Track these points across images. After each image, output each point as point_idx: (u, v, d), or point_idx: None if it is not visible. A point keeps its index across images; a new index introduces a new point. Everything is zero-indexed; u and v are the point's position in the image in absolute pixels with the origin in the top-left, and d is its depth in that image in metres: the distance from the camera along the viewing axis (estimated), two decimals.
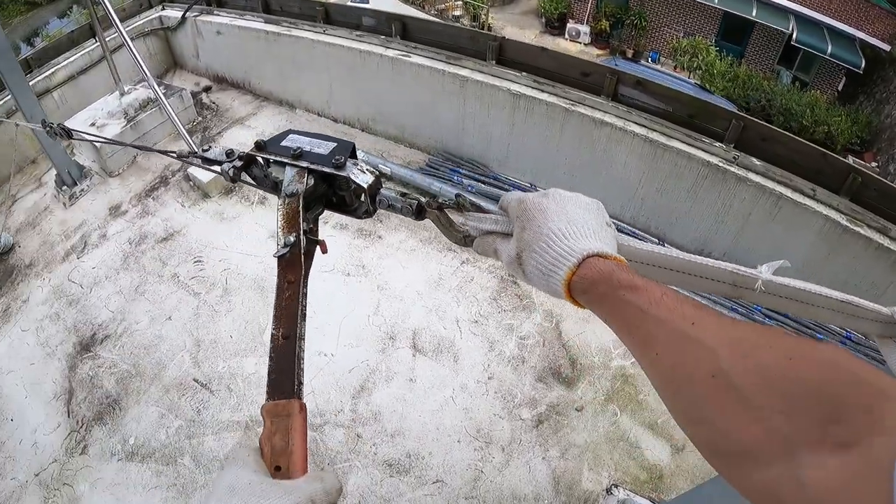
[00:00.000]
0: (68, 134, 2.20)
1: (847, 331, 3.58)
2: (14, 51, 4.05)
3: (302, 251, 0.85)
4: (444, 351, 3.20)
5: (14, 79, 3.66)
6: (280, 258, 0.85)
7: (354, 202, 1.09)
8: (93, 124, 4.38)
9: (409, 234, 3.88)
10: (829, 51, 13.70)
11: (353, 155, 1.04)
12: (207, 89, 5.39)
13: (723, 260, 0.86)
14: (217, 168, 1.15)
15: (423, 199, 1.01)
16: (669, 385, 0.57)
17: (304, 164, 1.01)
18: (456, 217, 0.98)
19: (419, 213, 1.01)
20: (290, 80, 4.93)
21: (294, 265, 0.84)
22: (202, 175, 4.23)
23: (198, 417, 2.86)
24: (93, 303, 3.55)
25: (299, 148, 1.03)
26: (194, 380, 3.03)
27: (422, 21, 4.22)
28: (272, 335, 0.74)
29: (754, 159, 3.44)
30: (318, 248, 0.95)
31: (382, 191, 1.04)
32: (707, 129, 3.53)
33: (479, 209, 0.90)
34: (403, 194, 1.04)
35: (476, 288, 3.55)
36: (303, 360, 0.72)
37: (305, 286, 0.82)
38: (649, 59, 16.86)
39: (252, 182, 1.16)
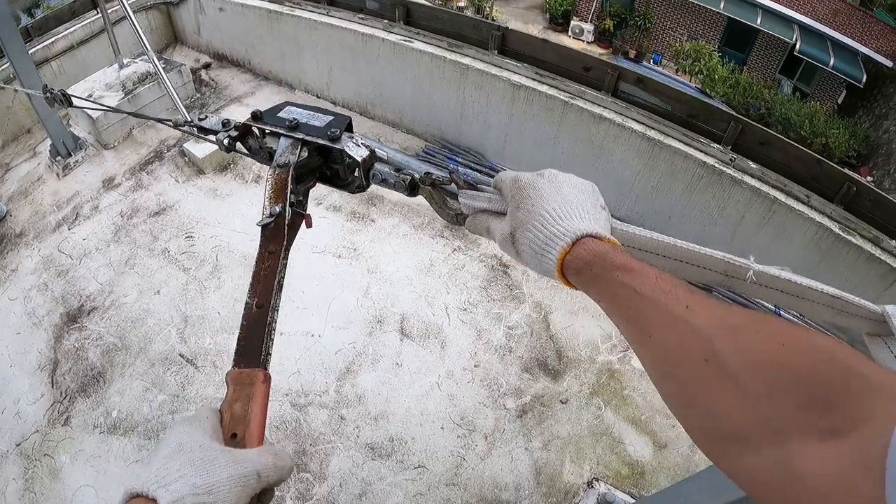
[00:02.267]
0: (68, 101, 2.16)
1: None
2: (14, 20, 4.00)
3: (286, 222, 0.85)
4: (432, 337, 3.19)
5: (13, 46, 3.62)
6: (264, 227, 0.85)
7: (348, 176, 1.08)
8: (90, 96, 4.33)
9: (402, 218, 3.87)
10: (832, 63, 13.75)
11: (349, 129, 1.04)
12: (207, 66, 5.35)
13: None
14: (212, 137, 1.15)
15: (416, 175, 1.01)
16: (661, 368, 0.56)
17: (300, 136, 1.01)
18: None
19: (412, 188, 1.01)
20: (291, 61, 4.90)
21: (277, 236, 0.83)
22: (198, 151, 4.20)
23: (182, 393, 2.84)
24: (82, 274, 3.52)
25: (295, 119, 1.03)
26: (180, 355, 3.01)
27: (425, 7, 4.20)
28: (247, 303, 0.73)
29: (751, 162, 3.45)
30: (303, 221, 0.95)
31: (377, 165, 1.04)
32: (705, 129, 3.54)
33: (473, 187, 0.90)
34: (398, 170, 1.04)
35: (466, 276, 3.55)
36: (273, 330, 0.71)
37: (286, 258, 0.81)
38: (651, 61, 16.87)
39: (247, 152, 1.16)
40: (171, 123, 1.30)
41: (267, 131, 1.06)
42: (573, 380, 3.13)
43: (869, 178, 12.16)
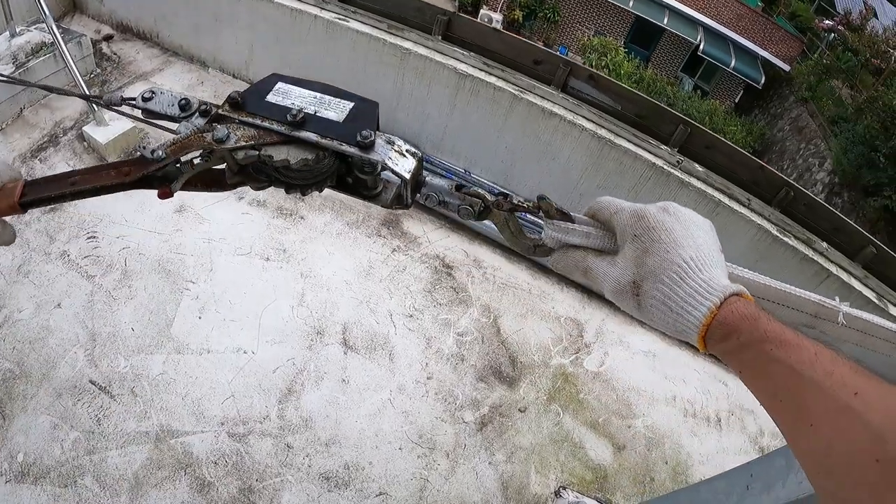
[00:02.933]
0: None
1: None
2: None
3: (152, 171, 0.74)
4: (378, 348, 2.96)
5: None
6: (141, 155, 0.73)
7: (379, 184, 0.82)
8: None
9: (334, 215, 3.57)
10: (733, 64, 14.78)
11: (377, 123, 0.76)
12: (109, 38, 4.69)
13: None
14: (170, 125, 0.82)
15: (489, 198, 0.77)
16: (821, 462, 0.50)
17: (312, 138, 0.71)
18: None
19: (482, 215, 0.78)
20: (206, 35, 4.39)
21: (139, 168, 0.74)
22: (99, 135, 3.65)
23: (98, 428, 2.41)
24: None
25: (300, 110, 0.72)
26: (91, 381, 2.57)
27: None
28: (74, 170, 0.76)
29: (697, 165, 3.48)
30: (162, 190, 0.77)
31: (430, 181, 0.78)
32: (654, 131, 3.52)
33: (567, 217, 0.72)
34: (458, 187, 0.79)
35: (409, 279, 3.33)
36: (55, 202, 0.76)
37: (125, 188, 0.76)
38: (558, 53, 17.30)
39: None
40: (101, 102, 0.94)
41: (255, 125, 0.74)
42: (529, 386, 3.03)
43: None
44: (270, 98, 0.76)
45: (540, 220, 0.76)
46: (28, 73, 3.75)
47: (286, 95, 0.76)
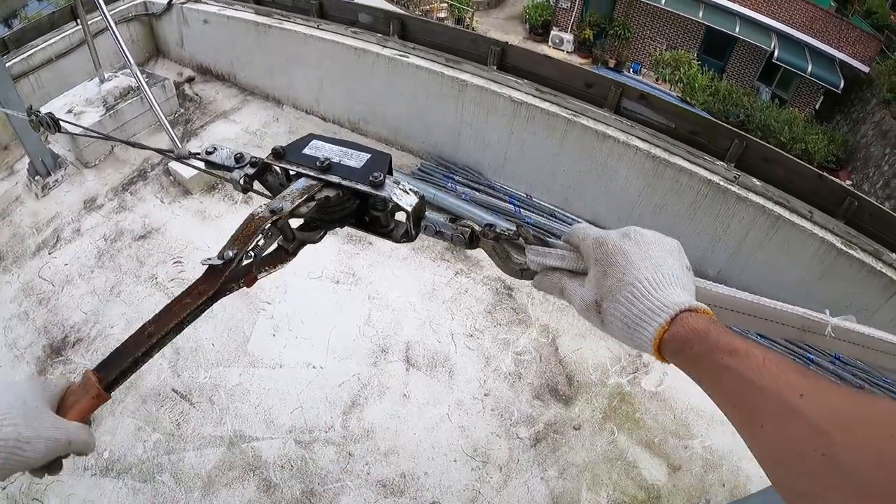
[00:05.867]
0: (56, 126, 1.99)
1: None
2: None
3: (229, 273, 0.76)
4: (439, 365, 3.08)
5: None
6: (209, 266, 0.77)
7: (391, 223, 0.96)
8: (70, 111, 4.15)
9: None
10: (810, 70, 14.07)
11: (390, 170, 0.92)
12: (191, 80, 5.18)
13: (716, 279, 0.86)
14: (224, 174, 1.01)
15: (477, 228, 0.90)
16: (775, 459, 0.53)
17: (335, 180, 0.88)
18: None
19: (472, 242, 0.91)
20: (279, 75, 4.76)
21: (212, 280, 0.76)
22: (184, 170, 4.03)
23: (177, 431, 2.68)
24: (64, 302, 3.34)
25: (327, 159, 0.89)
26: (173, 390, 2.85)
27: (421, 21, 4.10)
28: (144, 324, 0.73)
29: (755, 179, 3.41)
30: (245, 281, 0.81)
31: (429, 215, 0.93)
32: (708, 147, 3.49)
33: (543, 242, 0.82)
34: (453, 219, 0.93)
35: (471, 300, 3.45)
36: (143, 363, 0.72)
37: (208, 306, 0.76)
38: (631, 70, 17.06)
39: (267, 193, 1.03)
40: (173, 156, 1.17)
41: (292, 172, 0.92)
42: (585, 405, 3.05)
43: (848, 182, 12.39)
44: (307, 151, 0.93)
45: (522, 245, 0.87)
46: (117, 115, 4.20)
47: (318, 149, 0.93)
